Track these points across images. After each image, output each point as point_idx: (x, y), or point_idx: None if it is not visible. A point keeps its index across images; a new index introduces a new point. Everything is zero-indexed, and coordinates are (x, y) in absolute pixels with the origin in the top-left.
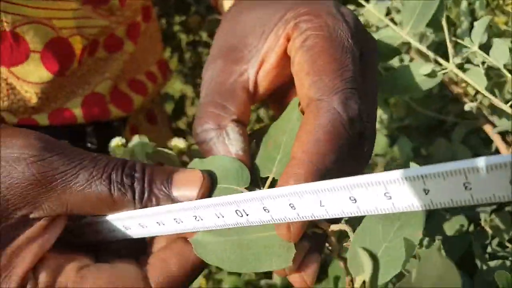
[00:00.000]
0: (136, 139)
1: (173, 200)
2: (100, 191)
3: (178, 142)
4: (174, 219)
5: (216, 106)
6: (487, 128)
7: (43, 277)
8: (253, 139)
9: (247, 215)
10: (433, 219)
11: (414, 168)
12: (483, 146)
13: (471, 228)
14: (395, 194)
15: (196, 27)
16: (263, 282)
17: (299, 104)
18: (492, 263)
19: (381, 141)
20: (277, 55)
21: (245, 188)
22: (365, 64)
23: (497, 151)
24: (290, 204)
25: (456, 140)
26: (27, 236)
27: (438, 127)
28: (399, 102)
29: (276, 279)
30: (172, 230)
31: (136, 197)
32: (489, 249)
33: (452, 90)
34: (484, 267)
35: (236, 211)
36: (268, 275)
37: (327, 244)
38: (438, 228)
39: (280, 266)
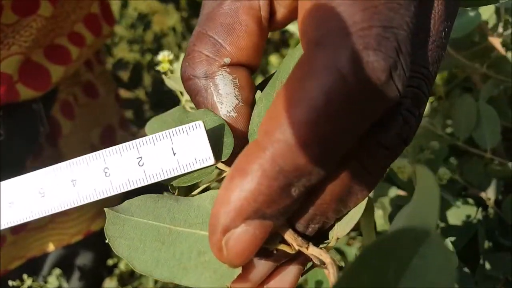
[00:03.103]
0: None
1: None
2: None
3: (165, 54)
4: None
5: (206, 43)
6: None
7: None
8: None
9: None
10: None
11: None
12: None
13: (479, 215)
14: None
15: None
16: None
17: None
18: (496, 256)
19: None
20: None
21: (222, 162)
22: None
23: None
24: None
25: (483, 98)
26: None
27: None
28: None
29: None
30: None
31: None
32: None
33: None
34: (487, 260)
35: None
36: None
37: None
38: (441, 215)
39: (211, 284)
